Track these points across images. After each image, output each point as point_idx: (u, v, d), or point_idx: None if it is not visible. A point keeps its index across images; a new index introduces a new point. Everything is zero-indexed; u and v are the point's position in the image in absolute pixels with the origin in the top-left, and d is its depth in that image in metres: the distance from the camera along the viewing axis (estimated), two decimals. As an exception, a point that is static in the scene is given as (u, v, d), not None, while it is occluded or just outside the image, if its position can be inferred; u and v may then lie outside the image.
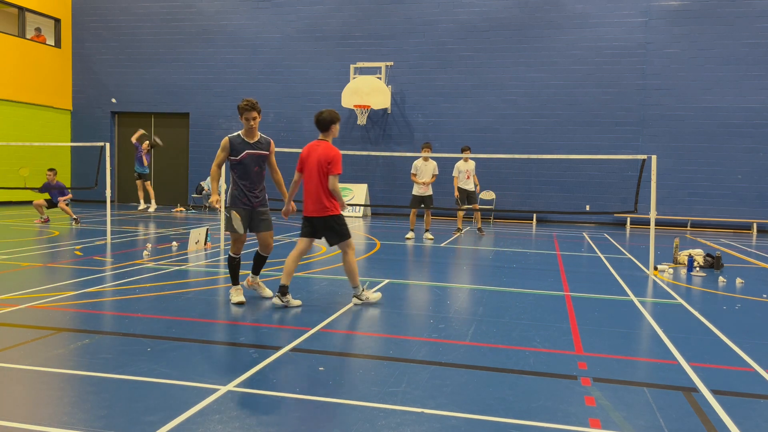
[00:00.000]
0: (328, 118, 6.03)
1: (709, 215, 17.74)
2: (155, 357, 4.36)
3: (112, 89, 22.14)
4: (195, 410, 3.42)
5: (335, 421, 3.37)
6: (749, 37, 17.27)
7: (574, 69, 18.39)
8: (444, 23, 19.29)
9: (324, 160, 5.93)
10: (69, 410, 3.41)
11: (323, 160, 5.93)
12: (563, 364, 4.47)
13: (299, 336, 5.02)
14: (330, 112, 6.05)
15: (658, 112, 17.93)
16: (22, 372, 4.03)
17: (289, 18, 20.47)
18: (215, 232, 11.54)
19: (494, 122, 18.90)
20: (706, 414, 3.59)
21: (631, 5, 17.98)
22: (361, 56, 19.70)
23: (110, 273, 7.71)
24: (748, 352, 4.89)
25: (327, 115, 6.03)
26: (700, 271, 9.10)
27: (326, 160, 5.92)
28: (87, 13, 22.31)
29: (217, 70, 21.09)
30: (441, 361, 4.46)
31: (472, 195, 13.83)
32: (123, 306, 5.99)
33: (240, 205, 6.04)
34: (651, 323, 5.85)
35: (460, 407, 3.59)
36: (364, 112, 18.94)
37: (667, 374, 4.33)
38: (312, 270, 8.34)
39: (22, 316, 5.49)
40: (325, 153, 5.96)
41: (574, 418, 3.47)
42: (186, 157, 21.77)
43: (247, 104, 5.93)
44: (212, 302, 6.32)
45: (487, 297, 7.00)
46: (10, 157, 19.73)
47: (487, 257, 10.48)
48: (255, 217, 6.16)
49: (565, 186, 18.51)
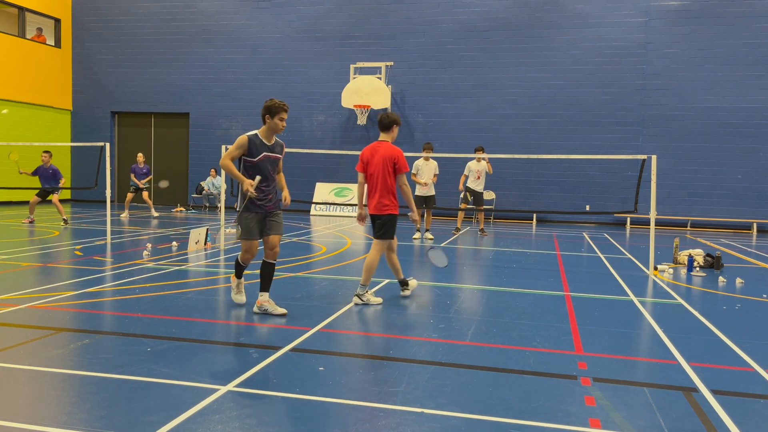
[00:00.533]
0: (391, 119, 6.37)
1: (709, 215, 17.74)
2: (155, 357, 4.36)
3: (112, 89, 22.15)
4: (195, 410, 3.42)
5: (335, 421, 3.37)
6: (749, 37, 17.27)
7: (574, 69, 18.40)
8: (444, 23, 19.30)
9: (389, 159, 6.23)
10: (69, 410, 3.41)
11: (388, 159, 6.23)
12: (563, 364, 4.47)
13: (299, 336, 5.02)
14: (392, 115, 6.41)
15: (658, 112, 17.94)
16: (22, 372, 4.03)
17: (289, 18, 20.47)
18: (215, 232, 11.54)
19: (494, 122, 18.90)
20: (706, 414, 3.59)
21: (631, 5, 17.98)
22: (361, 56, 19.71)
23: (110, 273, 7.70)
24: (748, 352, 4.89)
25: (389, 117, 6.38)
26: (700, 271, 9.10)
27: (392, 159, 6.24)
28: (87, 13, 22.31)
29: (217, 70, 21.10)
30: (441, 361, 4.46)
31: (479, 196, 13.81)
32: (123, 306, 5.99)
33: (254, 209, 5.75)
34: (651, 323, 5.85)
35: (460, 407, 3.59)
36: (364, 112, 18.94)
37: (667, 374, 4.33)
38: (312, 270, 8.34)
39: (22, 316, 5.49)
40: (389, 152, 6.26)
41: (574, 418, 3.46)
42: (186, 157, 21.78)
43: (284, 104, 5.69)
44: (212, 302, 6.32)
45: (487, 297, 7.00)
46: (9, 158, 19.70)
47: (487, 257, 10.48)
48: (267, 220, 5.86)
49: (565, 186, 18.51)
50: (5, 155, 19.39)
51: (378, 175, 6.28)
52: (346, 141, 20.00)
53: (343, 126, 20.06)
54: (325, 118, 20.19)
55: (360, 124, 19.25)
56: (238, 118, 20.98)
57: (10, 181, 19.33)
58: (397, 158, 6.24)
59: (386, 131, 6.41)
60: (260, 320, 5.56)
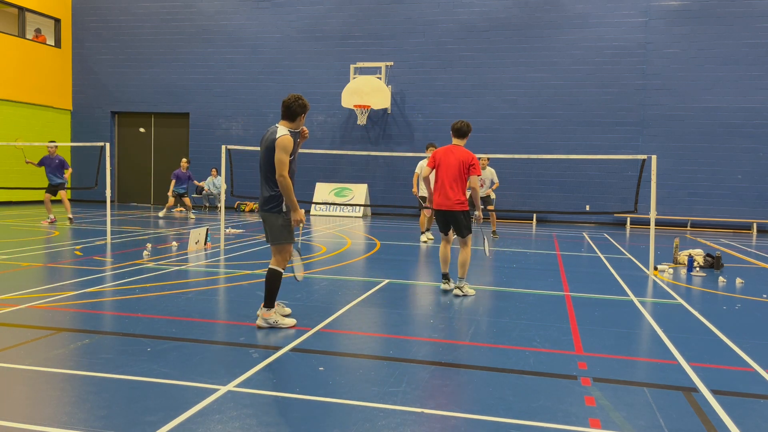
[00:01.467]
0: (469, 128, 7.17)
1: (709, 215, 17.74)
2: (155, 357, 4.36)
3: (112, 89, 22.15)
4: (195, 410, 3.42)
5: (335, 421, 3.37)
6: (749, 37, 17.27)
7: (574, 69, 18.40)
8: (444, 23, 19.30)
9: (466, 162, 6.91)
10: (69, 410, 3.41)
11: (465, 162, 6.91)
12: (563, 364, 4.47)
13: (299, 336, 5.02)
14: (468, 124, 7.17)
15: (658, 112, 17.93)
16: (22, 372, 4.03)
17: (289, 18, 20.47)
18: (215, 232, 11.54)
19: (494, 122, 18.90)
20: (706, 414, 3.59)
21: (631, 5, 17.98)
22: (361, 56, 19.71)
23: (110, 273, 7.70)
24: (748, 352, 4.89)
25: (468, 126, 7.16)
26: (700, 271, 9.10)
27: (468, 163, 6.92)
28: (87, 13, 22.31)
29: (217, 70, 21.10)
30: (441, 361, 4.46)
31: (486, 199, 13.80)
32: (123, 306, 5.99)
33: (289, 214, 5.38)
34: (651, 323, 5.85)
35: (460, 407, 3.59)
36: (364, 112, 18.94)
37: (667, 374, 4.33)
38: (312, 270, 8.34)
39: (22, 316, 5.49)
40: (466, 156, 6.95)
41: (574, 418, 3.47)
42: (186, 157, 21.74)
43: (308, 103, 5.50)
44: (212, 302, 6.32)
45: (487, 297, 7.00)
46: (9, 158, 19.73)
47: (487, 257, 10.48)
48: None
49: (565, 186, 18.51)
50: (5, 155, 19.43)
51: (454, 175, 6.91)
52: (346, 141, 20.00)
53: (343, 126, 20.06)
54: (325, 118, 20.18)
55: (360, 124, 19.25)
56: (238, 118, 20.98)
57: (11, 181, 19.35)
58: (472, 162, 6.94)
59: (463, 137, 7.12)
60: (260, 320, 5.56)
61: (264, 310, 5.28)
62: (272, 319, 5.26)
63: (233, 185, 11.06)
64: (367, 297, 6.68)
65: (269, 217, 5.29)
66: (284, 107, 5.36)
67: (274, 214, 5.26)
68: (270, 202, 5.26)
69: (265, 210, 5.30)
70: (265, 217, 5.33)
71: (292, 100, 5.38)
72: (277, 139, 5.17)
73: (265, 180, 5.29)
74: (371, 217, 19.24)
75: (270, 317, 5.26)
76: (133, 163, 22.53)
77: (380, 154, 17.02)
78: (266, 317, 5.26)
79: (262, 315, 5.27)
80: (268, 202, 5.27)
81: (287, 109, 5.35)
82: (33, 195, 20.79)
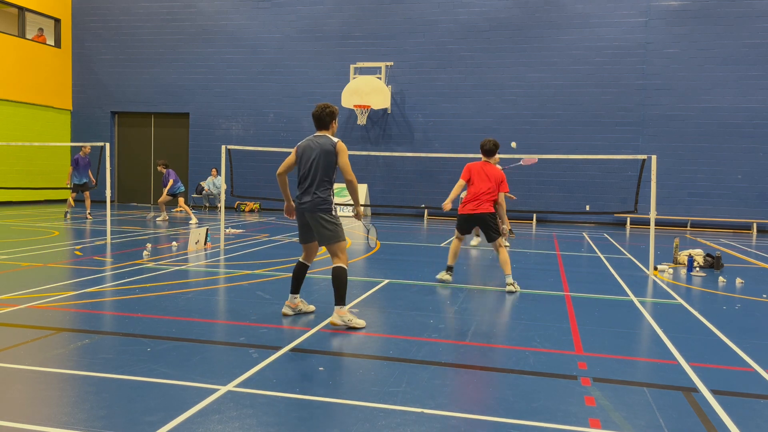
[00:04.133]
0: (497, 146, 7.79)
1: (709, 215, 17.74)
2: (155, 357, 4.36)
3: (112, 89, 22.14)
4: (195, 410, 3.42)
5: (335, 421, 3.37)
6: (749, 37, 17.27)
7: (574, 69, 18.40)
8: (444, 23, 19.29)
9: (499, 179, 7.65)
10: (69, 410, 3.41)
11: (498, 178, 7.64)
12: (563, 364, 4.47)
13: (299, 336, 5.03)
14: (495, 142, 7.76)
15: (658, 112, 17.93)
16: (22, 372, 4.03)
17: (289, 18, 20.47)
18: (215, 232, 11.54)
19: (494, 122, 18.89)
20: (706, 414, 3.59)
21: (631, 5, 17.98)
22: (361, 56, 19.70)
23: (110, 273, 7.70)
24: (748, 352, 4.89)
25: (496, 145, 7.78)
26: (700, 271, 9.10)
27: (500, 179, 7.66)
28: (87, 13, 22.30)
29: (217, 70, 21.09)
30: (441, 361, 4.46)
31: None
32: (123, 306, 5.99)
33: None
34: (651, 323, 5.85)
35: (460, 407, 3.59)
36: (364, 112, 18.94)
37: (667, 374, 4.33)
38: (312, 270, 8.34)
39: (22, 316, 5.49)
40: (499, 174, 7.69)
41: (574, 418, 3.47)
42: (186, 157, 21.77)
43: None
44: (212, 302, 6.32)
45: (487, 297, 7.00)
46: (9, 157, 19.74)
47: (487, 257, 10.48)
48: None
49: (565, 186, 18.50)
50: (5, 156, 19.44)
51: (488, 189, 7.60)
52: (346, 141, 19.97)
53: (343, 126, 20.05)
54: (325, 118, 20.14)
55: (360, 124, 19.25)
56: (237, 118, 20.98)
57: (11, 181, 19.35)
58: (503, 180, 7.74)
59: (491, 155, 7.80)
60: (260, 320, 5.56)
61: (338, 308, 5.37)
62: (347, 317, 5.35)
63: (233, 185, 11.06)
64: (367, 297, 6.68)
65: (322, 217, 5.41)
66: (315, 119, 5.60)
67: (328, 215, 5.42)
68: (324, 204, 5.42)
69: (319, 210, 5.40)
70: (318, 218, 5.42)
71: (319, 110, 5.57)
72: (337, 144, 5.44)
73: (319, 183, 5.42)
74: (371, 217, 19.24)
75: (345, 315, 5.34)
76: (133, 163, 22.52)
77: (380, 154, 17.03)
78: (341, 315, 5.35)
79: (338, 313, 5.36)
80: (323, 203, 5.41)
81: (318, 119, 5.57)
82: (33, 195, 20.80)
